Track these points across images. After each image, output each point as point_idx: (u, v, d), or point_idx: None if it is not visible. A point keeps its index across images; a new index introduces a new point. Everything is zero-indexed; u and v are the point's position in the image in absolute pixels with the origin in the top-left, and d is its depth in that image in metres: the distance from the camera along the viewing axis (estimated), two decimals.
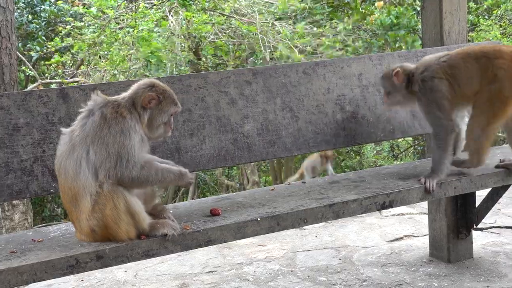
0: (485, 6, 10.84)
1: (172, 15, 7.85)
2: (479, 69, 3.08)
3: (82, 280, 4.05)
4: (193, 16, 7.63)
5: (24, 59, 8.59)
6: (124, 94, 2.67)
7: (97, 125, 2.53)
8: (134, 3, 8.44)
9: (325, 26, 8.38)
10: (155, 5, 8.15)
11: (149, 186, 2.69)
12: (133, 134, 2.55)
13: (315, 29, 8.05)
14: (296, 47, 7.59)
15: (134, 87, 2.68)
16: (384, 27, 8.22)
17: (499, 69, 3.04)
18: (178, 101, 2.74)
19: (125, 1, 8.42)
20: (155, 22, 7.76)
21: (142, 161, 2.55)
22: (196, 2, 7.96)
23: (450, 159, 3.16)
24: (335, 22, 8.45)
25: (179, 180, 2.64)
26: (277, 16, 7.89)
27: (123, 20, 7.96)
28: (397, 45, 8.24)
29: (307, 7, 8.18)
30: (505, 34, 9.83)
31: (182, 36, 7.74)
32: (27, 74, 9.37)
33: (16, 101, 2.86)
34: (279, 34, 7.59)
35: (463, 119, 3.39)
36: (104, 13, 7.86)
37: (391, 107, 3.46)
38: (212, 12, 7.97)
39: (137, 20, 7.72)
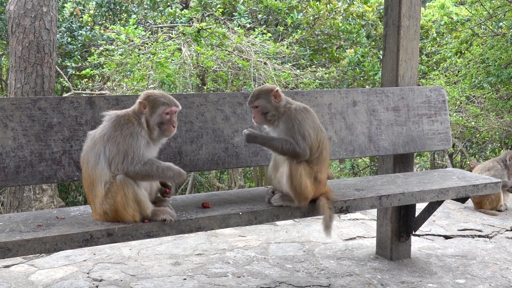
0: (434, 60, 11.06)
1: (185, 47, 7.87)
2: None
3: (94, 254, 4.02)
4: (202, 51, 7.67)
5: (61, 72, 8.56)
6: (132, 107, 2.68)
7: (112, 127, 2.54)
8: (155, 35, 8.50)
9: (306, 68, 8.49)
10: (172, 37, 8.18)
11: (151, 180, 2.63)
12: (139, 137, 2.54)
13: (298, 71, 8.14)
14: (280, 82, 7.64)
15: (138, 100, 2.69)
16: (352, 64, 8.42)
17: None
18: (172, 102, 2.60)
19: (149, 32, 8.48)
20: (171, 52, 7.78)
21: (145, 159, 2.53)
22: (206, 38, 8.02)
23: None
24: (315, 67, 8.55)
25: (176, 178, 2.57)
26: (269, 56, 7.96)
27: (145, 47, 7.98)
28: (362, 79, 8.39)
29: (293, 53, 8.31)
30: (449, 83, 9.97)
31: (192, 65, 7.76)
32: (63, 85, 9.34)
33: (52, 104, 2.86)
34: (267, 71, 7.64)
35: None
36: (131, 40, 7.91)
37: (262, 124, 2.97)
38: (218, 48, 8.00)
39: (156, 49, 7.75)
